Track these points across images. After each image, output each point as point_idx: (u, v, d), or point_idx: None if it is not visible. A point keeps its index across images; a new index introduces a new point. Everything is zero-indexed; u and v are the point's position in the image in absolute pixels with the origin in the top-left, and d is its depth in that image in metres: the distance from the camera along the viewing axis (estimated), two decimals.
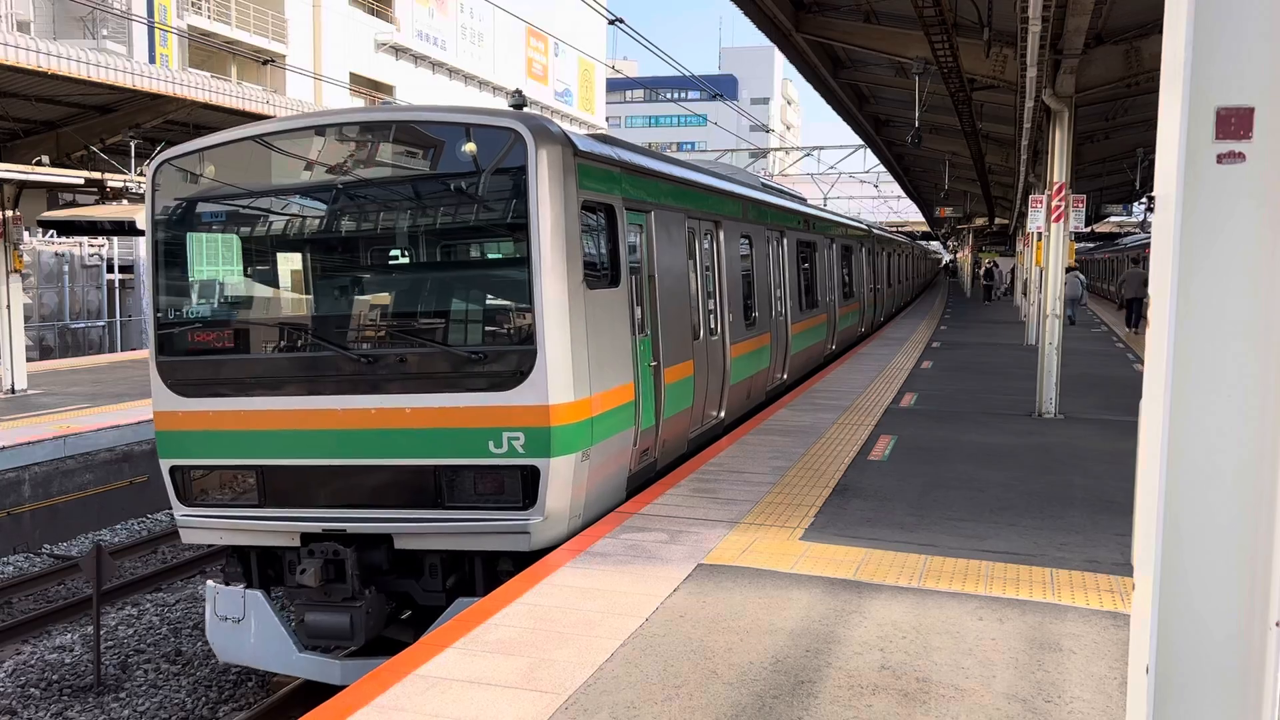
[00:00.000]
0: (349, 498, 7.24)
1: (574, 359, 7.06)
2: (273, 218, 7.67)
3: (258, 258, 7.88)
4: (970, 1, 12.99)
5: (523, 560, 6.91)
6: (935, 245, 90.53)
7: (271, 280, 7.90)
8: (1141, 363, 15.82)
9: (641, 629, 5.43)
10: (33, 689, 8.65)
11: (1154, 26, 12.20)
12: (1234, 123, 2.30)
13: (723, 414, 11.42)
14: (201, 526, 7.60)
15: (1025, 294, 27.27)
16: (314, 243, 7.70)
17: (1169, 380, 2.39)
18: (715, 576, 6.29)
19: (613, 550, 6.82)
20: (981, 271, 52.43)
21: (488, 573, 7.24)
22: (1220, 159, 2.32)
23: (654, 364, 8.84)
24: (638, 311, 8.52)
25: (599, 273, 7.77)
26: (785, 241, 15.32)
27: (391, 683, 4.79)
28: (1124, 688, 4.67)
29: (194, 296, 7.92)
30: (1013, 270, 50.45)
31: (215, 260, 8.11)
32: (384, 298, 7.61)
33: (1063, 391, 13.03)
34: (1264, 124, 2.29)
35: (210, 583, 7.79)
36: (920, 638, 5.33)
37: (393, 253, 7.74)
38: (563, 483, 6.99)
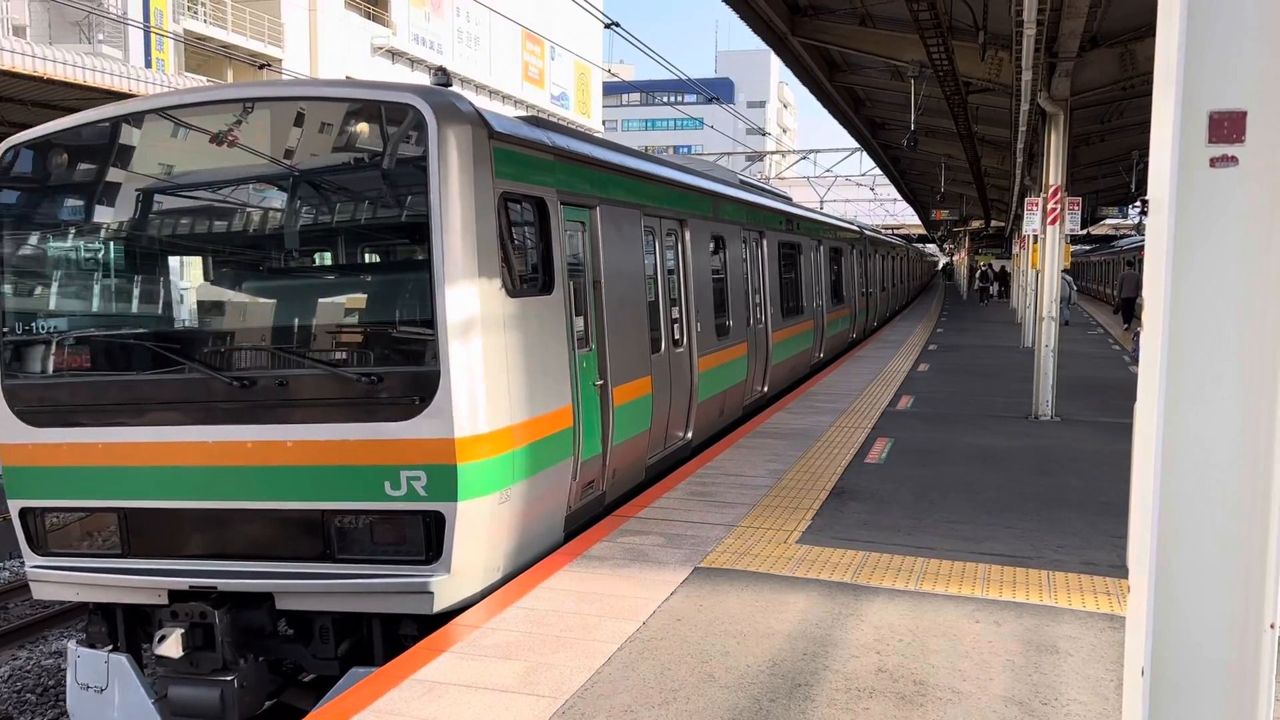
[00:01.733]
0: (222, 548, 6.13)
1: (488, 381, 5.98)
2: (135, 214, 6.47)
3: (117, 262, 6.63)
4: (965, 5, 13.02)
5: (429, 624, 5.84)
6: (931, 248, 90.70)
7: (134, 289, 6.71)
8: (1137, 364, 15.84)
9: (639, 633, 5.43)
10: None
11: (1149, 30, 12.24)
12: (1227, 126, 2.31)
13: (690, 434, 10.36)
14: (55, 580, 6.43)
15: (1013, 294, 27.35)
16: (181, 245, 6.58)
17: (1163, 382, 2.39)
18: (712, 580, 6.29)
19: (609, 554, 6.82)
20: (977, 274, 52.95)
21: (388, 638, 6.09)
22: (1213, 162, 2.33)
23: (600, 383, 7.79)
24: (579, 323, 7.47)
25: (525, 278, 6.71)
26: (766, 243, 14.36)
27: (388, 687, 4.79)
28: (1120, 690, 4.68)
29: (45, 308, 6.71)
30: (1003, 270, 50.69)
31: (70, 265, 6.74)
32: (263, 309, 6.44)
33: (1059, 394, 13.05)
34: (1256, 127, 2.30)
35: (72, 643, 6.63)
36: (917, 640, 5.33)
37: (274, 256, 6.46)
38: (474, 531, 5.92)
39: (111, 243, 6.58)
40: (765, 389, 14.19)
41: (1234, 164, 2.32)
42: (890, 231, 61.54)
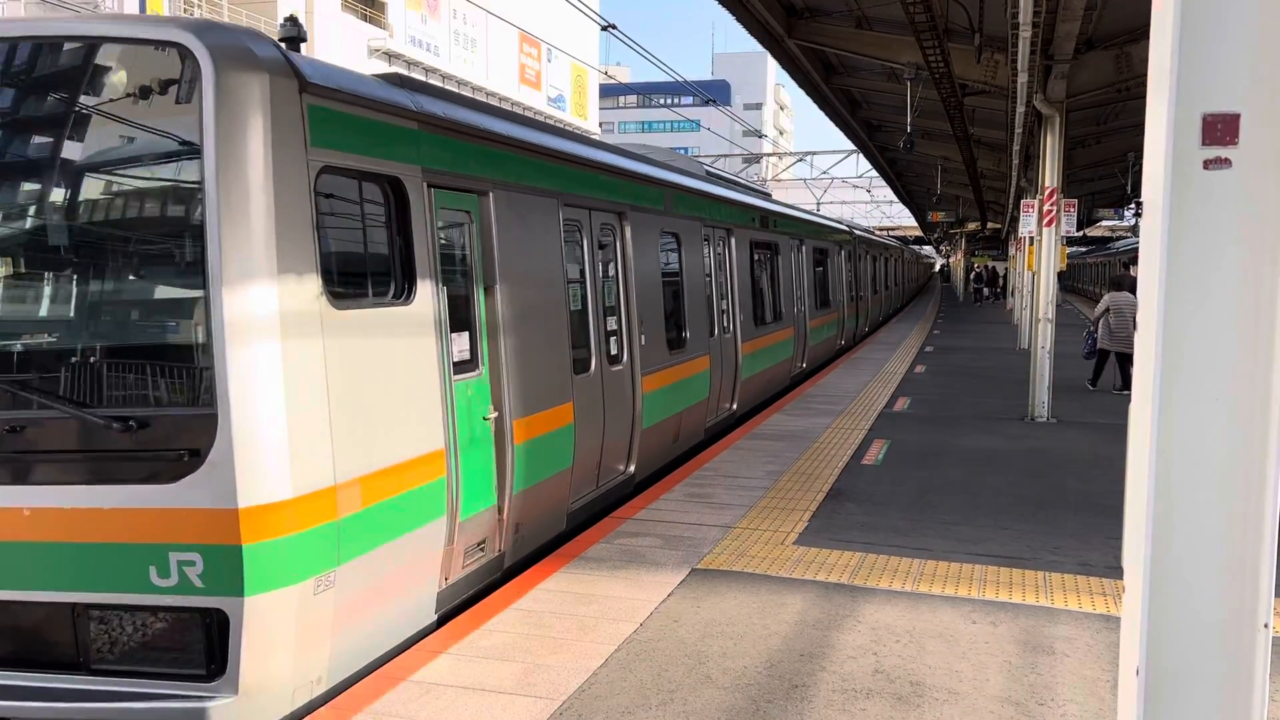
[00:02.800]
0: None
1: (295, 425, 4.45)
2: None
3: None
4: (961, 7, 13.05)
5: None
6: (928, 250, 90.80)
7: None
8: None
9: (636, 634, 5.43)
10: None
11: (1144, 32, 12.27)
12: (1220, 129, 2.32)
13: (632, 468, 8.91)
14: None
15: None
16: None
17: (1157, 383, 2.41)
18: (709, 581, 6.30)
19: (607, 555, 6.82)
20: (973, 275, 53.35)
21: None
22: (1207, 165, 2.34)
23: (493, 415, 6.28)
24: (459, 341, 5.94)
25: (363, 283, 5.21)
26: (735, 242, 12.90)
27: (385, 689, 4.79)
28: (1116, 690, 4.69)
29: None
30: (994, 270, 50.88)
31: None
32: None
33: (1055, 395, 13.08)
34: (1250, 130, 2.32)
35: None
36: (914, 641, 5.34)
37: (7, 251, 4.80)
38: (273, 635, 4.41)
39: None
40: (734, 406, 12.71)
41: (1227, 166, 2.33)
42: (886, 233, 61.62)
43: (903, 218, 77.35)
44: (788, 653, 5.19)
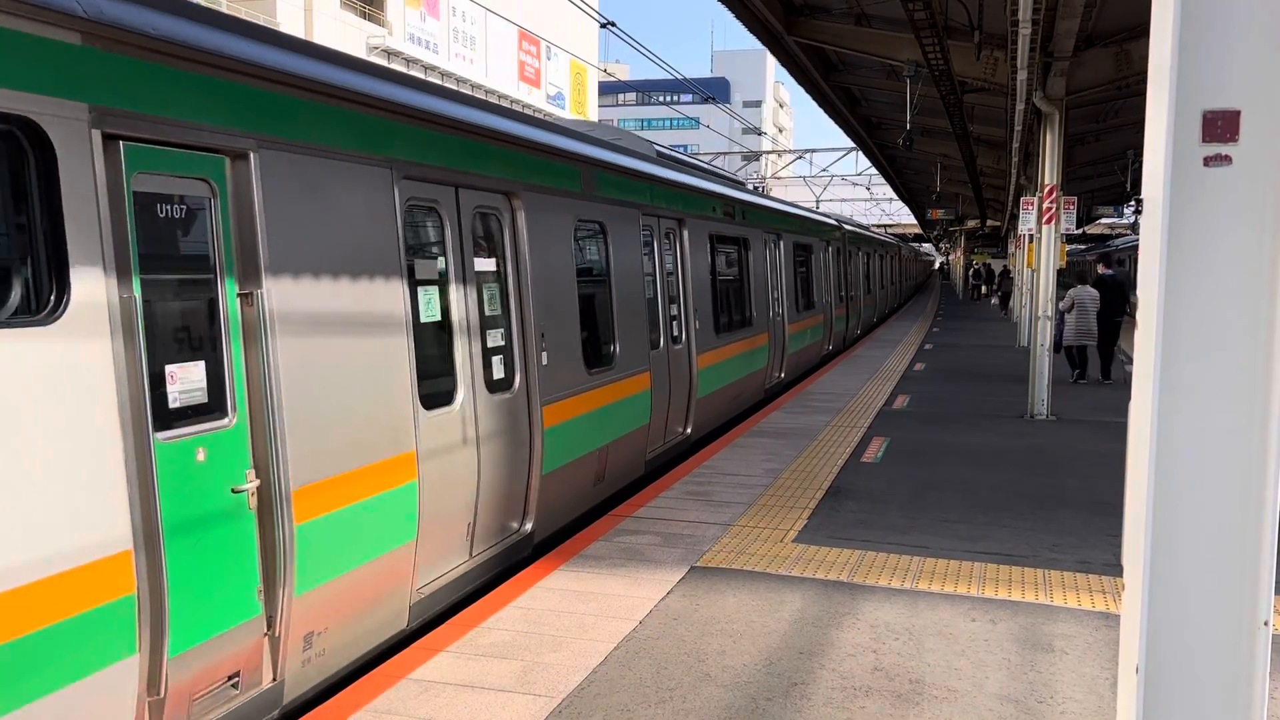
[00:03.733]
0: None
1: None
2: None
3: None
4: (961, 4, 13.04)
5: None
6: (928, 248, 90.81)
7: None
8: (1132, 363, 15.90)
9: (635, 632, 5.43)
10: None
11: (1143, 29, 12.27)
12: (1220, 126, 2.32)
13: (529, 525, 7.04)
14: None
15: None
16: None
17: (1158, 380, 2.40)
18: (709, 579, 6.29)
19: (606, 553, 6.82)
20: (970, 272, 53.51)
21: None
22: (1207, 162, 2.34)
23: (247, 488, 4.42)
24: (183, 375, 4.15)
25: None
26: (688, 235, 11.05)
27: (385, 687, 4.78)
28: (1115, 688, 4.69)
29: None
30: (989, 268, 50.94)
31: None
32: None
33: (1054, 393, 13.08)
34: (1250, 127, 2.31)
35: None
36: (913, 639, 5.34)
37: None
38: None
39: None
40: (687, 430, 10.84)
41: (1227, 163, 2.32)
42: (884, 230, 61.59)
43: (902, 215, 77.39)
44: (787, 651, 5.18)
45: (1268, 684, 2.46)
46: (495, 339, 6.71)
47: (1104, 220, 55.22)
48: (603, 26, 18.20)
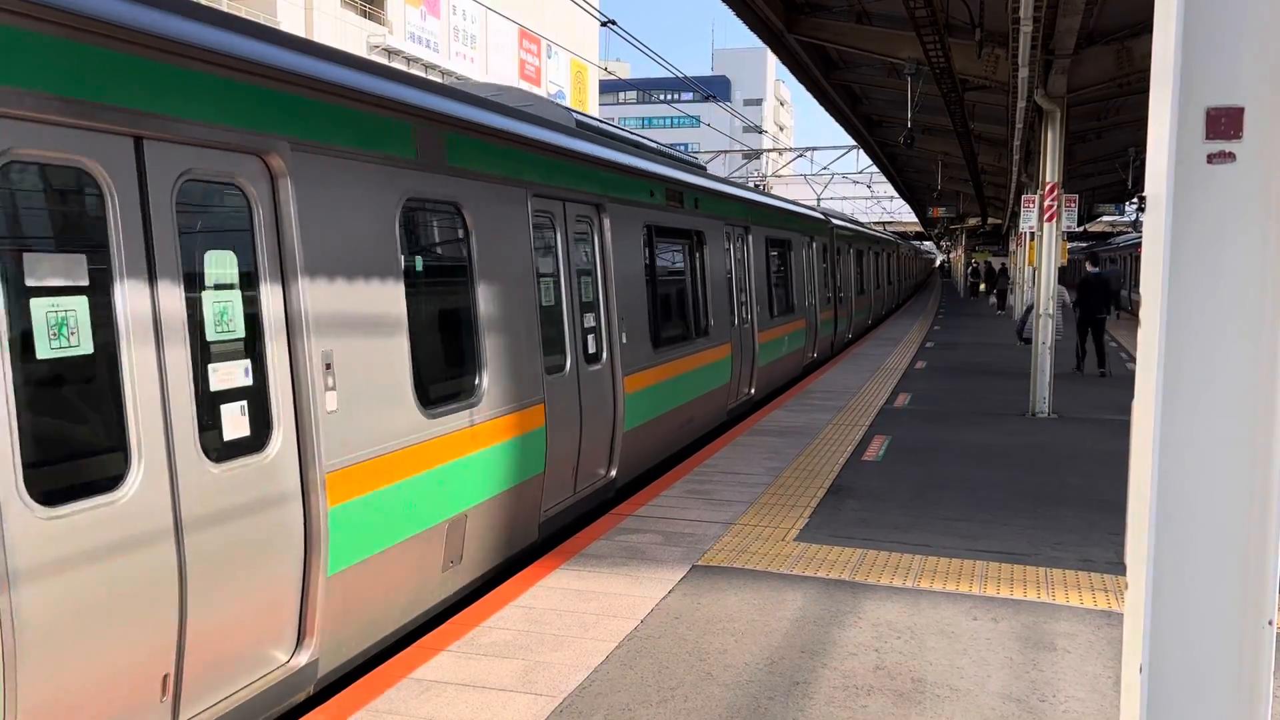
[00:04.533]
0: None
1: None
2: None
3: None
4: (962, 2, 13.02)
5: None
6: (929, 246, 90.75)
7: None
8: (1134, 361, 15.91)
9: (636, 631, 5.42)
10: None
11: (1145, 26, 12.25)
12: (1224, 123, 2.31)
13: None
14: None
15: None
16: None
17: (1161, 379, 2.39)
18: (710, 578, 6.29)
19: (607, 552, 6.81)
20: (969, 270, 53.61)
21: None
22: (1210, 159, 2.33)
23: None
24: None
25: None
26: (609, 225, 8.74)
27: (385, 686, 4.78)
28: (1118, 687, 4.68)
29: None
30: (989, 266, 50.97)
31: None
32: None
33: (1056, 390, 13.06)
34: (1254, 124, 2.30)
35: None
36: (915, 638, 5.33)
37: None
38: None
39: None
40: (610, 473, 8.65)
41: (1231, 160, 2.31)
42: (884, 227, 61.55)
43: (903, 213, 77.37)
44: (789, 649, 5.18)
45: (1271, 683, 2.45)
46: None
47: (1105, 218, 55.18)
48: (603, 25, 18.18)
